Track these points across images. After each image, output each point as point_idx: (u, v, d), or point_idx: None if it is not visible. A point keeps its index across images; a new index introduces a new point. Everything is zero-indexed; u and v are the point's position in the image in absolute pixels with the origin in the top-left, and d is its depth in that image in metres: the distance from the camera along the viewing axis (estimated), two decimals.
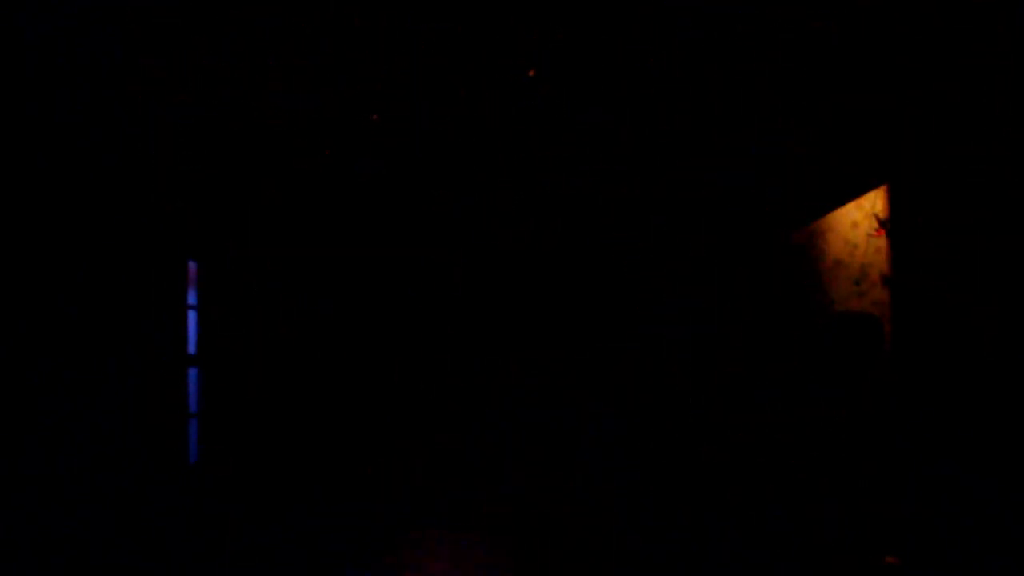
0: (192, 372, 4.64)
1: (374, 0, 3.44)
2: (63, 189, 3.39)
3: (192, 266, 4.42)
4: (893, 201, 2.65)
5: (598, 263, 4.00)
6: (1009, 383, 1.90)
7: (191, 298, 4.58)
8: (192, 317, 4.79)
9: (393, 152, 4.03)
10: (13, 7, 3.13)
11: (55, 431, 3.24)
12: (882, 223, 3.39)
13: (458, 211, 4.11)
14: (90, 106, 3.51)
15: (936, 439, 2.11)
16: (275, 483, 4.23)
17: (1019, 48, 1.98)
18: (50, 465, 3.20)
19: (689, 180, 3.65)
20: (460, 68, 3.68)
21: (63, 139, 3.37)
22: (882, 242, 3.55)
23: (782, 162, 3.37)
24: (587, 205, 3.98)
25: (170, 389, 3.93)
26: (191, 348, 4.75)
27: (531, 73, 3.13)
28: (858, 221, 3.76)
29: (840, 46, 2.88)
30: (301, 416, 4.37)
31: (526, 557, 3.82)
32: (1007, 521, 1.91)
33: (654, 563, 3.71)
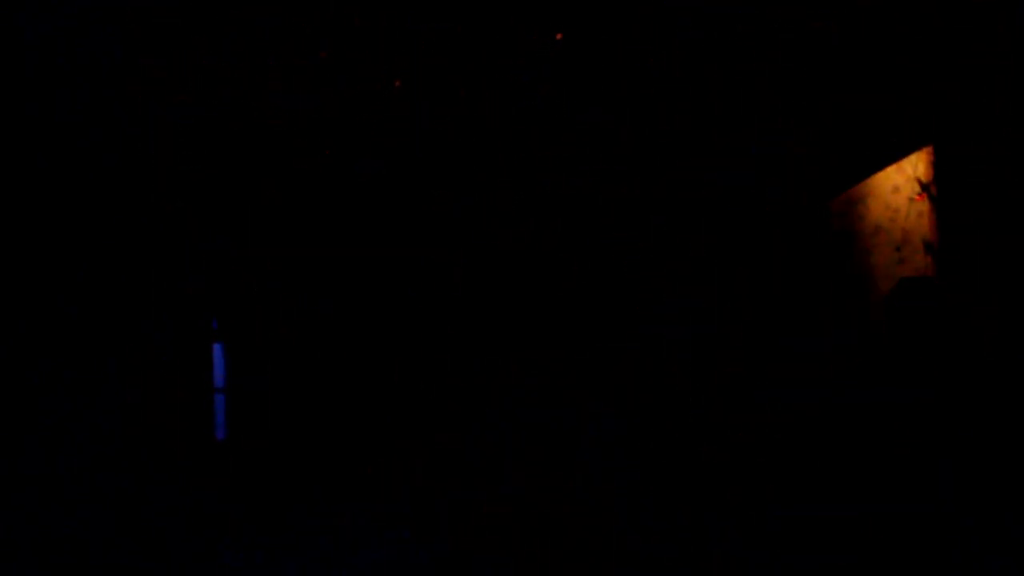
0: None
1: (374, 0, 3.44)
2: (63, 189, 3.39)
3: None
4: (939, 164, 2.56)
5: (598, 263, 4.00)
6: None
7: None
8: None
9: (393, 152, 4.03)
10: (13, 7, 3.13)
11: (55, 431, 3.24)
12: (924, 187, 3.34)
13: (458, 211, 4.12)
14: (90, 106, 3.50)
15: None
16: (275, 480, 4.23)
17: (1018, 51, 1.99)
18: (50, 465, 3.20)
19: (689, 180, 3.65)
20: (460, 68, 3.68)
21: (63, 139, 3.37)
22: (924, 206, 3.47)
23: (782, 162, 3.37)
24: (587, 205, 3.97)
25: (172, 389, 3.93)
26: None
27: (559, 36, 3.11)
28: (899, 185, 3.67)
29: (840, 46, 2.87)
30: (301, 415, 4.37)
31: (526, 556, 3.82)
32: None
33: (654, 563, 3.71)
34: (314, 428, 4.37)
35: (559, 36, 3.18)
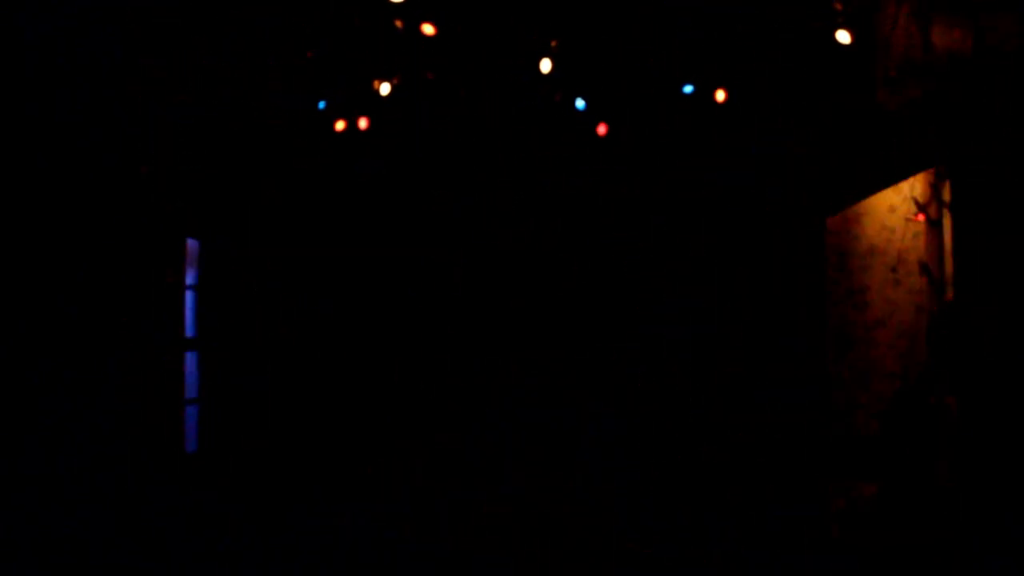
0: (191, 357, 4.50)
1: (374, 0, 3.45)
2: (63, 189, 3.39)
3: (192, 244, 4.31)
4: (954, 184, 2.53)
5: (598, 263, 4.00)
6: None
7: (190, 278, 4.46)
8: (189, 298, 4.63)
9: (393, 152, 4.03)
10: (13, 7, 3.13)
11: (55, 431, 3.24)
12: (921, 207, 3.36)
13: (458, 211, 4.11)
14: (90, 106, 3.50)
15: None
16: (275, 481, 4.23)
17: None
18: (50, 465, 3.20)
19: (689, 180, 3.65)
20: (460, 68, 3.68)
21: (63, 139, 3.37)
22: (921, 227, 3.49)
23: (782, 162, 3.37)
24: (587, 205, 3.98)
25: (167, 380, 3.93)
26: (189, 331, 4.61)
27: (554, 44, 3.12)
28: (896, 205, 3.67)
29: (840, 46, 2.88)
30: (301, 415, 4.37)
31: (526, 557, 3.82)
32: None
33: (654, 563, 3.71)
34: (314, 428, 4.37)
35: (554, 44, 3.19)
